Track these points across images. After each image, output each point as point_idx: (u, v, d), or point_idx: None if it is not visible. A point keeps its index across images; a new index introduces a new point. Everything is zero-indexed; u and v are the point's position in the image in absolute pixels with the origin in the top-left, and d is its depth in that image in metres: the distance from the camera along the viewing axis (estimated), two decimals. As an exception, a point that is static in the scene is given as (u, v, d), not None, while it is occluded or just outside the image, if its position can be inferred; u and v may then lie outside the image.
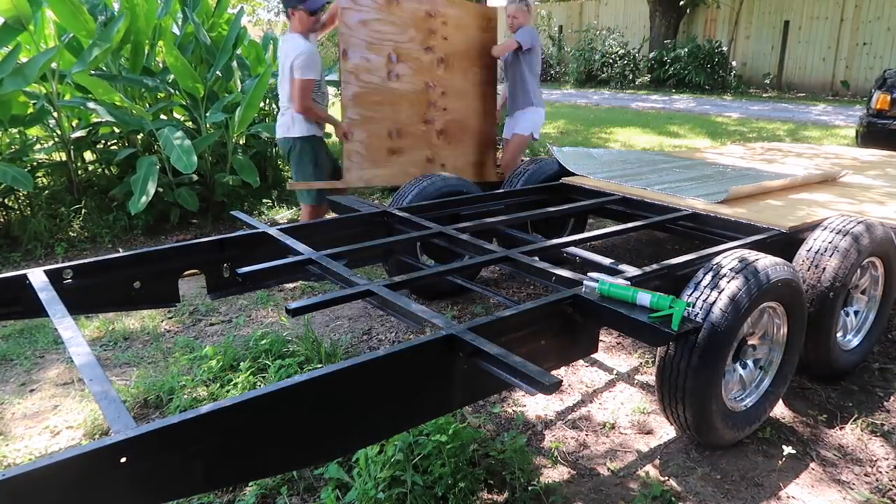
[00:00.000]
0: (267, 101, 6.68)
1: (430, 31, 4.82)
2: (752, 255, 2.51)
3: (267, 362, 3.11)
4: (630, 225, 3.31)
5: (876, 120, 7.14)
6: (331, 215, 4.00)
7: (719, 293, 2.34)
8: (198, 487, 1.57)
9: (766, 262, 2.47)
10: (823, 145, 7.21)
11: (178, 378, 3.03)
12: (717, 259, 2.50)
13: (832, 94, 15.91)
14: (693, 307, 2.29)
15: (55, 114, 5.22)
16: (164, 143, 5.08)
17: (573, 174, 4.24)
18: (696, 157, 5.15)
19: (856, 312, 3.18)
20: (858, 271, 3.00)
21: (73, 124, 5.57)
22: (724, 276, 2.39)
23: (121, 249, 4.98)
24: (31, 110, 5.09)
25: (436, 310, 3.59)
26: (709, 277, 2.41)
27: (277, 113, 4.57)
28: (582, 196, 3.96)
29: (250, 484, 2.36)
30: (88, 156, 5.90)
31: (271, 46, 6.89)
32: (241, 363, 3.10)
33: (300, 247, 2.74)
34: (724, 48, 16.89)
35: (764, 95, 16.23)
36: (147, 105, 5.65)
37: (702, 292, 2.38)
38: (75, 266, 2.49)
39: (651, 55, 17.88)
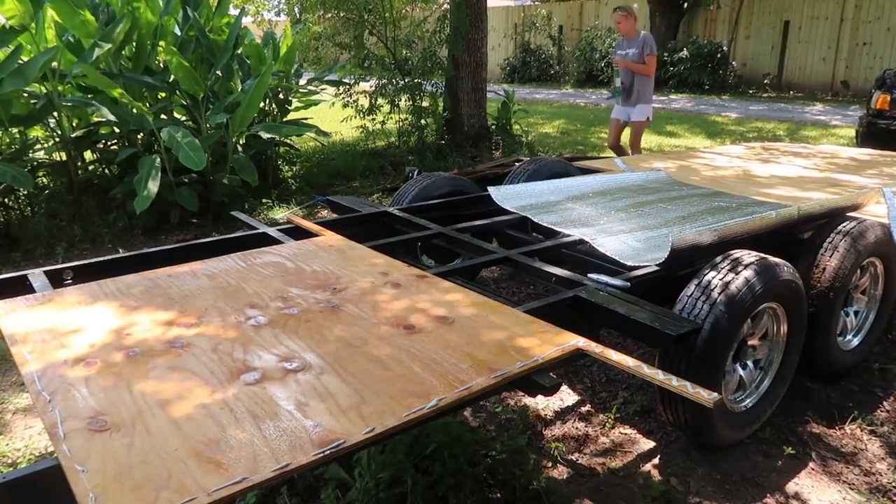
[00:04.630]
0: (267, 101, 6.68)
1: None
2: (751, 255, 2.51)
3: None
4: None
5: (876, 120, 7.13)
6: (331, 216, 4.00)
7: (719, 294, 2.34)
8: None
9: (766, 262, 2.47)
10: (820, 145, 7.20)
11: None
12: (717, 259, 2.50)
13: (832, 94, 15.90)
14: None
15: (55, 113, 5.22)
16: (170, 142, 5.08)
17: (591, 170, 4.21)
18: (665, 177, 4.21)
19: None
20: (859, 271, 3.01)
21: (74, 124, 5.57)
22: (725, 276, 2.39)
23: (121, 250, 4.98)
24: (31, 110, 5.09)
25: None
26: (709, 278, 2.41)
27: (279, 112, 4.27)
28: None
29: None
30: (88, 156, 5.91)
31: (271, 45, 6.89)
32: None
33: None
34: (725, 48, 16.88)
35: (763, 96, 16.23)
36: (148, 105, 5.66)
37: (702, 292, 2.38)
38: (75, 267, 2.49)
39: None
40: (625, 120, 6.70)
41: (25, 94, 5.02)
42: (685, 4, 17.85)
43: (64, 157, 5.49)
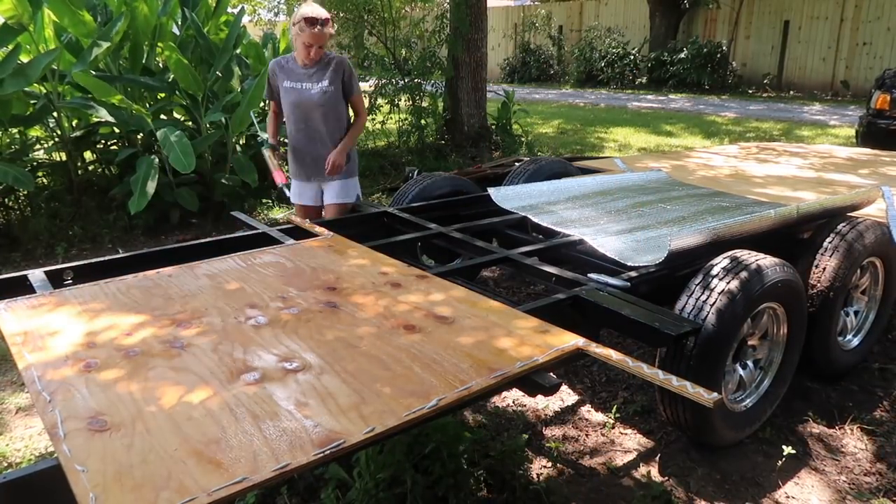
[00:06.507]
0: (267, 101, 6.66)
1: None
2: (752, 255, 2.51)
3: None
4: None
5: (876, 120, 7.14)
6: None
7: (719, 294, 2.34)
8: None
9: (766, 262, 2.47)
10: (816, 144, 7.21)
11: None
12: (717, 259, 2.50)
13: (832, 94, 15.90)
14: None
15: (55, 114, 5.22)
16: (163, 142, 5.09)
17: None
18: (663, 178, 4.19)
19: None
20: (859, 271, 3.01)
21: (73, 124, 5.57)
22: (725, 276, 2.39)
23: (120, 250, 4.98)
24: (31, 110, 5.09)
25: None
26: (709, 277, 2.41)
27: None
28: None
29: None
30: (88, 156, 5.91)
31: (270, 45, 6.88)
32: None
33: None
34: (725, 48, 16.88)
35: (763, 95, 16.23)
36: (147, 105, 5.66)
37: (702, 292, 2.38)
38: (75, 267, 2.49)
39: (651, 55, 17.89)
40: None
41: (25, 95, 5.01)
42: (685, 4, 17.85)
43: (64, 158, 5.49)
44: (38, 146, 5.59)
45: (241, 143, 6.33)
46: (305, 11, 3.29)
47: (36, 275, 2.39)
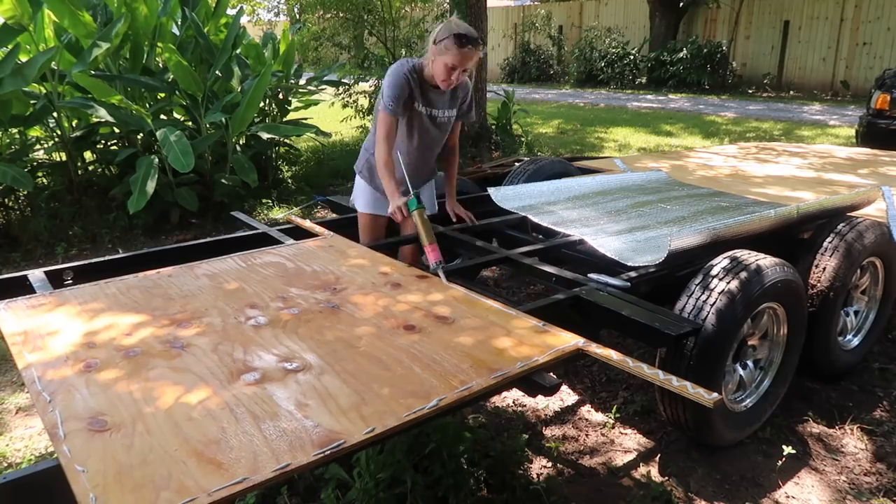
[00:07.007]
0: (267, 101, 6.68)
1: None
2: (752, 255, 2.51)
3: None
4: None
5: (876, 120, 7.14)
6: (331, 216, 4.00)
7: (719, 294, 2.34)
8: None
9: (766, 262, 2.47)
10: (816, 144, 7.21)
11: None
12: (717, 259, 2.50)
13: (832, 94, 15.90)
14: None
15: (55, 114, 5.22)
16: (162, 142, 5.09)
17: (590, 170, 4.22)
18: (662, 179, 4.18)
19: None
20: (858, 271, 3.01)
21: (73, 124, 5.57)
22: (724, 277, 2.39)
23: (120, 250, 4.98)
24: (31, 110, 5.09)
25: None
26: (709, 277, 2.41)
27: (278, 112, 4.06)
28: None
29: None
30: (88, 156, 5.91)
31: (270, 45, 6.88)
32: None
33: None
34: (724, 48, 16.89)
35: (763, 95, 16.23)
36: (147, 105, 5.66)
37: (702, 292, 2.38)
38: (75, 267, 2.49)
39: (651, 55, 17.89)
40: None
41: (24, 95, 5.01)
42: (683, 4, 17.85)
43: (64, 158, 5.49)
44: (38, 146, 5.59)
45: (241, 143, 6.33)
46: (455, 28, 2.69)
47: (36, 275, 2.39)
